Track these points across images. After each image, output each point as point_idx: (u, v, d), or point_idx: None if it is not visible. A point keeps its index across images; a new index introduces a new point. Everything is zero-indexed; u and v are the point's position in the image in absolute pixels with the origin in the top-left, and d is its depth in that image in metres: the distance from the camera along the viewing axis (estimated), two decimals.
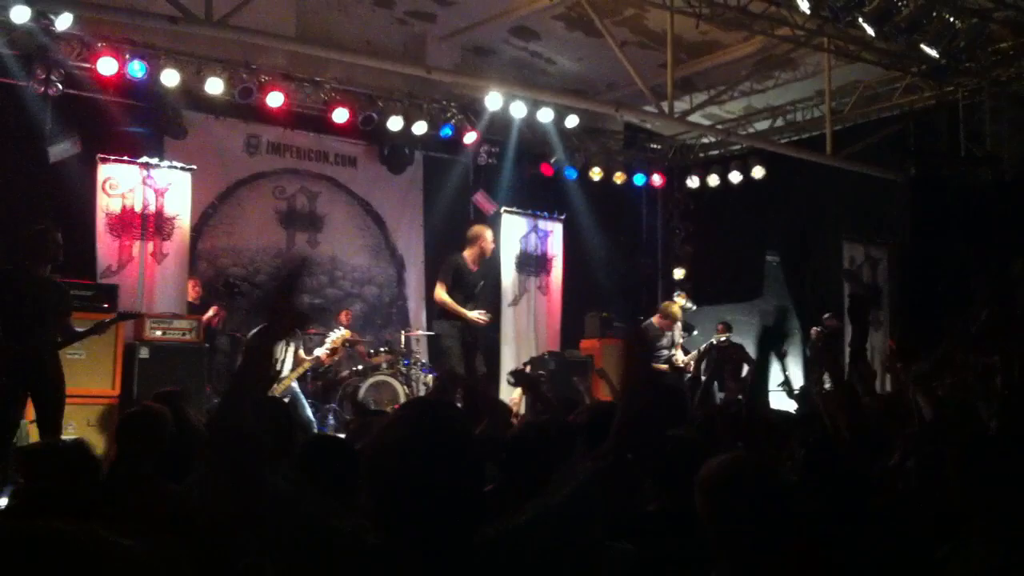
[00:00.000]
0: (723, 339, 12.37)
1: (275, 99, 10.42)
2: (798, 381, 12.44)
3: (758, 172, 12.37)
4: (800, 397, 11.38)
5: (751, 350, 12.12)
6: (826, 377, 12.20)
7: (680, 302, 12.68)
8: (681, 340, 11.47)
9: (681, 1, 9.19)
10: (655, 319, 11.21)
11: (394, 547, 1.96)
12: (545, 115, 11.35)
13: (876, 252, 13.19)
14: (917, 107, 11.43)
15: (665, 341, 11.22)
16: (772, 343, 5.04)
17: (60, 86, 9.48)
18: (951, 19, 9.36)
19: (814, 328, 12.52)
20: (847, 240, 12.96)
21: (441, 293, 9.01)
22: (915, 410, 4.99)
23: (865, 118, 11.67)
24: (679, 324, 11.35)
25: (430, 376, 10.63)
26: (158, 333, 9.62)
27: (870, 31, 9.23)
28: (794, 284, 13.26)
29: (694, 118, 11.46)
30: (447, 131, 11.55)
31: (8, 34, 8.75)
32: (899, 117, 11.62)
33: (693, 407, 8.47)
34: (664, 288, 14.11)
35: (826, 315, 12.55)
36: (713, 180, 13.02)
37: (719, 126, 12.26)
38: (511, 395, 9.67)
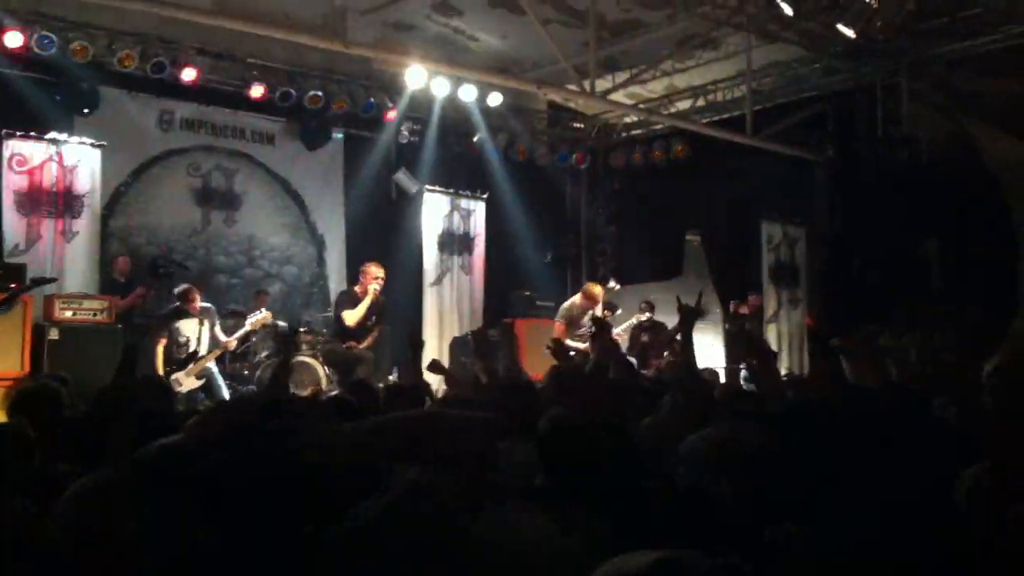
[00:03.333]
0: (645, 318, 12.45)
1: (189, 74, 10.15)
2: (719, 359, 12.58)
3: (680, 151, 12.41)
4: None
5: (672, 328, 12.25)
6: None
7: (611, 286, 12.75)
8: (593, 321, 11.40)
9: None
10: (577, 298, 11.18)
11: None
12: (468, 93, 11.26)
13: (794, 231, 13.34)
14: (836, 88, 11.55)
15: (586, 320, 11.19)
16: (692, 320, 5.15)
17: None
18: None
19: (736, 304, 12.68)
20: (765, 220, 13.09)
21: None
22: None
23: (785, 99, 11.77)
24: (600, 304, 11.32)
25: None
26: (68, 313, 9.35)
27: (789, 11, 9.29)
28: (714, 263, 13.37)
29: (617, 97, 11.44)
30: (368, 108, 11.37)
31: None
32: (818, 98, 11.74)
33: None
34: (587, 267, 14.13)
35: (751, 295, 12.71)
36: (635, 159, 13.04)
37: (641, 105, 12.27)
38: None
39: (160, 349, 9.59)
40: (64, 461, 3.91)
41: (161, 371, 9.48)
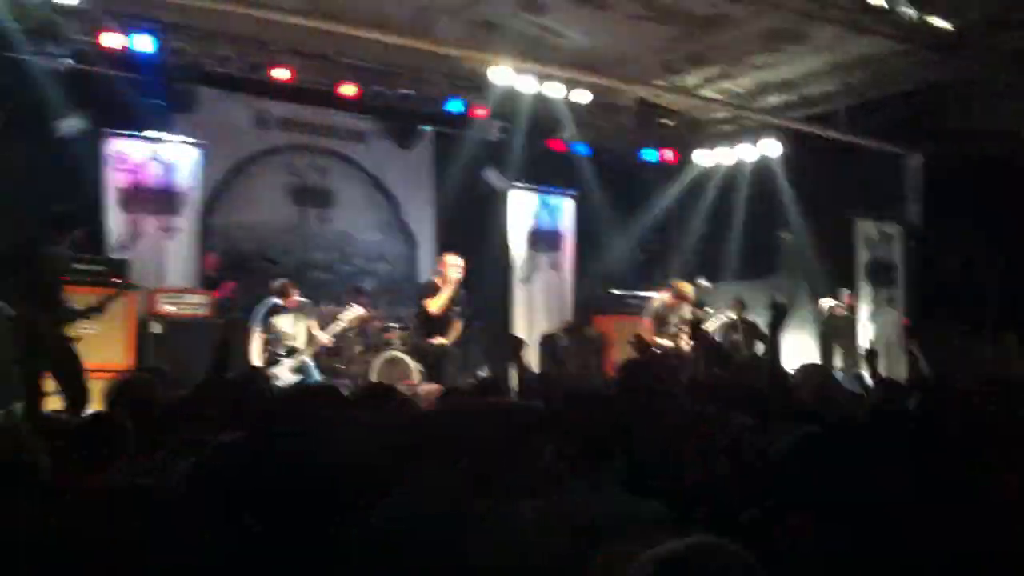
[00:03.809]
0: (734, 316, 12.35)
1: (283, 74, 10.40)
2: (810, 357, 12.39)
3: (770, 147, 12.27)
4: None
5: (764, 327, 12.12)
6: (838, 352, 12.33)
7: (701, 283, 12.69)
8: (691, 318, 11.33)
9: None
10: (666, 296, 11.16)
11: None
12: (555, 90, 11.31)
13: (890, 228, 13.11)
14: (930, 81, 11.29)
15: (674, 318, 11.15)
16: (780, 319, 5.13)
17: (68, 61, 9.49)
18: None
19: (828, 302, 12.49)
20: (860, 217, 12.89)
21: None
22: None
23: (878, 92, 11.53)
24: (689, 302, 11.24)
25: None
26: (171, 308, 9.71)
27: (882, 2, 9.14)
28: (807, 261, 13.20)
29: (705, 93, 11.40)
30: (456, 106, 11.51)
31: (15, 9, 8.74)
32: (912, 92, 11.48)
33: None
34: (677, 264, 14.05)
35: (846, 293, 12.52)
36: (725, 155, 12.92)
37: (730, 101, 12.16)
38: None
39: (257, 343, 9.84)
40: (158, 450, 4.10)
41: (258, 365, 9.74)
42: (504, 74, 10.72)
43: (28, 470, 2.94)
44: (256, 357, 9.76)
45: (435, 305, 9.99)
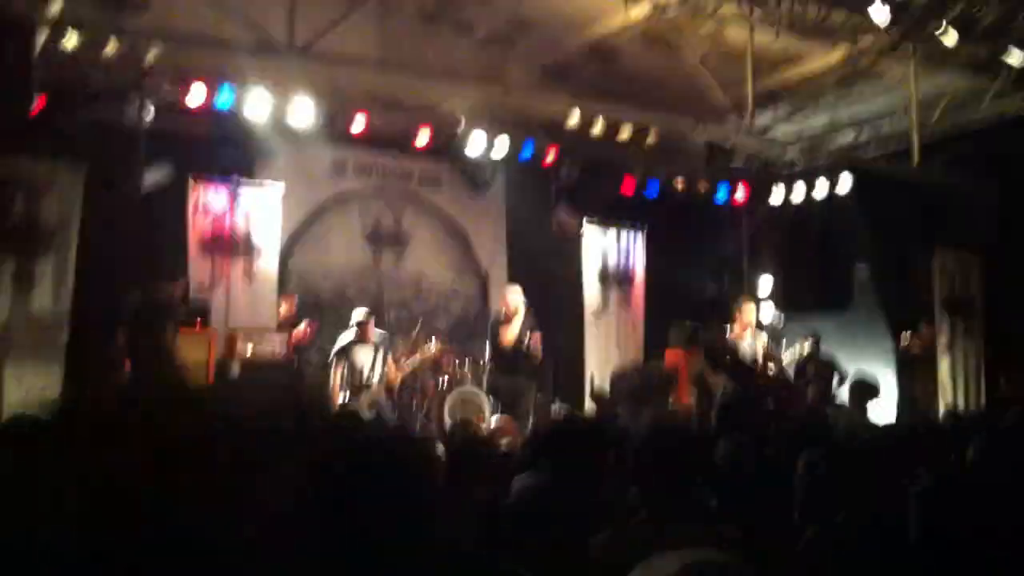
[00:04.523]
0: (809, 351, 12.24)
1: (359, 123, 10.59)
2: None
3: (844, 185, 12.17)
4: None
5: (841, 361, 12.02)
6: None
7: (775, 315, 12.65)
8: (762, 347, 11.25)
9: (761, 14, 9.13)
10: (735, 327, 11.15)
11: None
12: (624, 131, 11.35)
13: (968, 259, 12.93)
14: (1007, 114, 11.14)
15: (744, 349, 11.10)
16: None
17: (153, 116, 9.78)
18: None
19: (906, 338, 12.34)
20: (938, 247, 12.74)
21: None
22: None
23: (953, 128, 11.39)
24: (752, 330, 11.18)
25: None
26: (249, 349, 9.97)
27: (952, 40, 9.07)
28: (884, 293, 13.07)
29: (777, 132, 11.37)
30: (527, 150, 11.59)
31: (103, 68, 9.06)
32: (988, 126, 11.33)
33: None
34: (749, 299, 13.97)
35: (924, 324, 12.37)
36: (798, 195, 12.82)
37: (802, 141, 12.10)
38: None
39: (338, 376, 10.06)
40: None
41: (339, 399, 9.93)
42: (575, 116, 10.83)
43: None
44: (335, 391, 9.99)
45: (509, 335, 10.20)
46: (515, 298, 10.48)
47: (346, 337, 10.31)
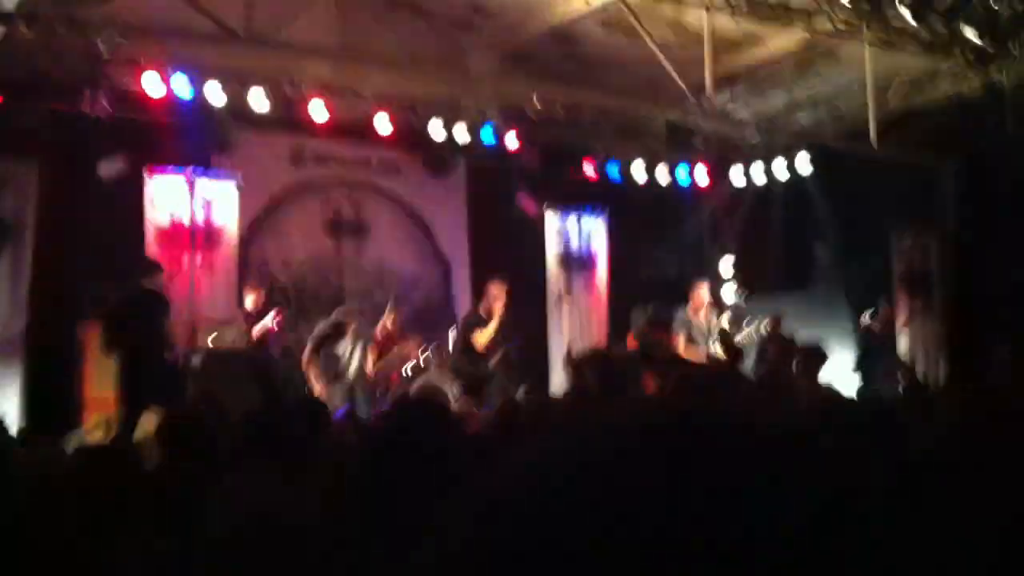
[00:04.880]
0: (770, 330, 12.30)
1: (318, 111, 10.50)
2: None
3: (803, 165, 12.24)
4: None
5: (801, 340, 12.09)
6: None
7: (737, 295, 12.70)
8: (717, 328, 11.24)
9: None
10: (688, 308, 11.15)
11: None
12: (586, 115, 11.35)
13: (926, 237, 13.09)
14: (963, 92, 11.25)
15: (701, 328, 11.10)
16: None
17: (108, 107, 9.65)
18: (992, 3, 9.25)
19: (865, 320, 12.45)
20: (896, 227, 12.89)
21: None
22: None
23: (911, 107, 11.49)
24: (706, 311, 11.17)
25: None
26: (209, 341, 9.89)
27: (909, 19, 9.15)
28: (844, 273, 13.19)
29: (736, 112, 11.40)
30: (488, 136, 11.57)
31: (54, 59, 8.93)
32: (945, 105, 11.44)
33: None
34: (711, 281, 14.04)
35: (883, 303, 12.49)
36: (757, 175, 12.89)
37: (761, 121, 12.14)
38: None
39: (314, 368, 9.95)
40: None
41: (317, 390, 9.83)
42: (534, 102, 10.82)
43: None
44: (314, 382, 9.89)
45: (483, 339, 10.14)
46: (498, 303, 10.37)
47: (324, 329, 10.19)
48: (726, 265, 14.04)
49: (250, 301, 10.69)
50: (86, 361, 9.56)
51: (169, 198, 10.64)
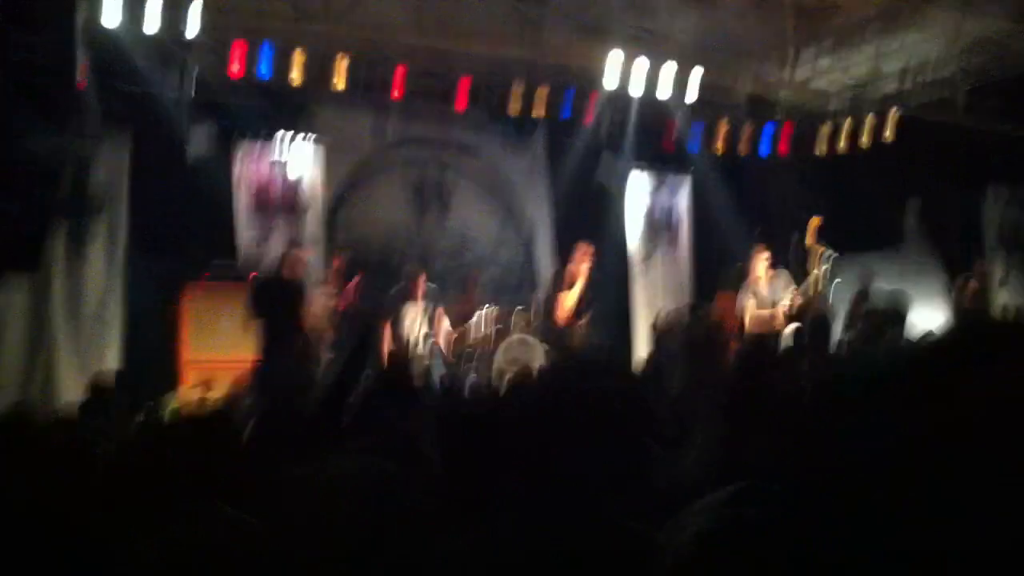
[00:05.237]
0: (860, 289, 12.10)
1: (398, 85, 10.65)
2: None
3: (889, 131, 11.92)
4: None
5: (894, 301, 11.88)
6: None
7: (828, 254, 12.52)
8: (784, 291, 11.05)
9: None
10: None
11: None
12: (664, 88, 11.22)
13: (1019, 193, 12.73)
14: None
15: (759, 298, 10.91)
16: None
17: (195, 85, 9.96)
18: None
19: (961, 279, 12.20)
20: (992, 181, 12.55)
21: None
22: None
23: (999, 74, 11.10)
24: (766, 277, 10.96)
25: None
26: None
27: None
28: (936, 233, 12.92)
29: (819, 82, 11.19)
30: (568, 105, 11.54)
31: (142, 45, 9.23)
32: None
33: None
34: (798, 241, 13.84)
35: (977, 262, 12.22)
36: (841, 145, 12.59)
37: (845, 90, 11.86)
38: None
39: (387, 331, 10.07)
40: None
41: (387, 353, 10.00)
42: (614, 75, 10.75)
43: None
44: (386, 345, 10.02)
45: (567, 303, 10.13)
46: (583, 260, 10.25)
47: (396, 293, 10.29)
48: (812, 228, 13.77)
49: (333, 266, 10.94)
50: (184, 325, 9.89)
51: (258, 170, 10.96)
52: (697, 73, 10.98)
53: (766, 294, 10.62)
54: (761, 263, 10.74)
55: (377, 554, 2.00)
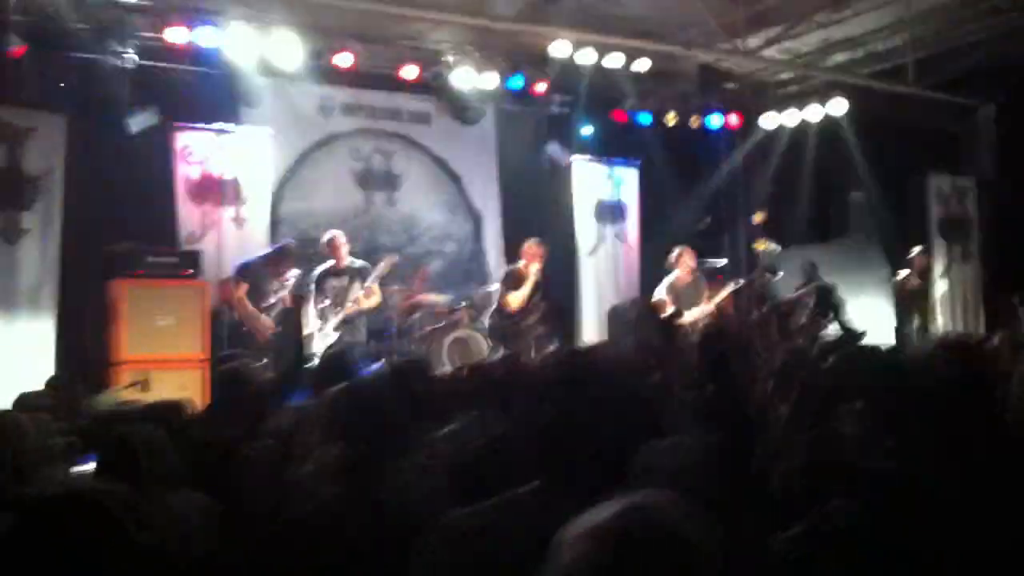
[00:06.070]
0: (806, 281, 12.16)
1: (345, 59, 10.43)
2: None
3: (838, 107, 11.97)
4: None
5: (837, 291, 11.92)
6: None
7: (771, 248, 12.54)
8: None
9: None
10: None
11: None
12: (615, 60, 11.19)
13: (963, 183, 12.86)
14: (1001, 30, 10.97)
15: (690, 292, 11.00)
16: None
17: (135, 58, 9.60)
18: None
19: (903, 272, 12.26)
20: (933, 172, 12.66)
21: None
22: None
23: (948, 44, 11.22)
24: (693, 274, 11.09)
25: None
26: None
27: None
28: (879, 220, 12.99)
29: (769, 54, 11.20)
30: (516, 82, 11.47)
31: (80, 9, 8.87)
32: (984, 41, 11.16)
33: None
34: (745, 231, 13.87)
35: (914, 252, 12.29)
36: (791, 118, 12.65)
37: (795, 60, 11.91)
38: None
39: (311, 307, 9.72)
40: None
41: (308, 330, 9.66)
42: (563, 47, 10.67)
43: None
44: (311, 320, 9.67)
45: (516, 301, 10.07)
46: (535, 264, 10.25)
47: (319, 266, 9.92)
48: (758, 216, 13.82)
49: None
50: (118, 321, 9.44)
51: (198, 152, 10.56)
52: (647, 48, 10.94)
53: (680, 297, 10.81)
54: (685, 265, 10.90)
55: None
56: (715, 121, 12.79)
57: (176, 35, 9.47)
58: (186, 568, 2.33)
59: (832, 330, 11.48)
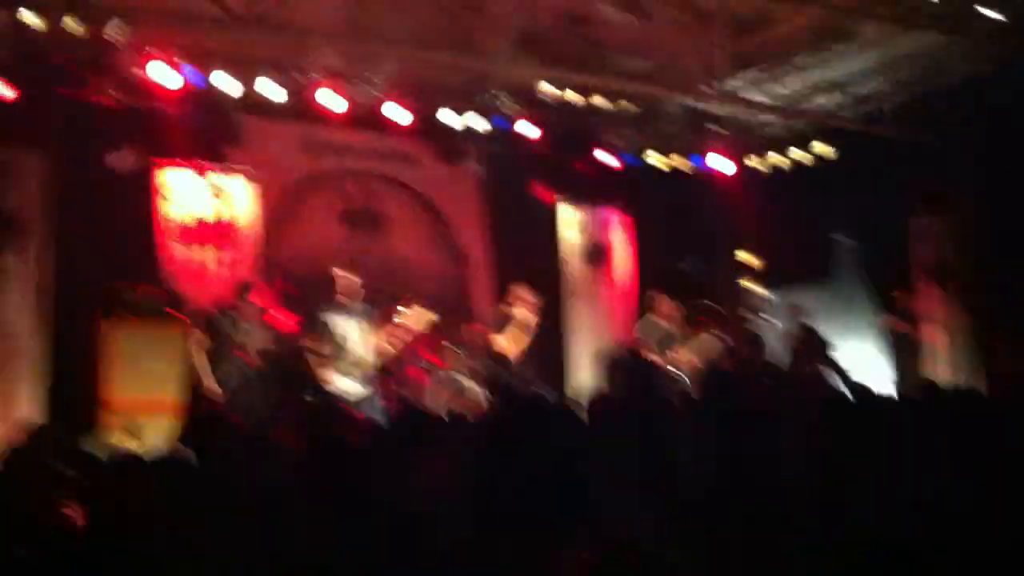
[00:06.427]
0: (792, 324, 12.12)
1: (329, 99, 10.40)
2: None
3: (820, 150, 12.03)
4: None
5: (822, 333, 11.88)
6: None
7: (758, 291, 12.54)
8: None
9: None
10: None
11: None
12: (600, 101, 11.23)
13: (946, 224, 12.86)
14: (983, 73, 11.04)
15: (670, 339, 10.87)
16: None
17: (115, 95, 9.59)
18: None
19: (889, 319, 12.23)
20: (916, 214, 12.66)
21: None
22: None
23: (929, 88, 11.29)
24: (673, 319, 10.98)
25: None
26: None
27: None
28: (865, 262, 12.98)
29: (751, 96, 11.25)
30: (501, 122, 11.48)
31: (60, 45, 8.86)
32: (965, 83, 11.22)
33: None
34: (730, 272, 13.84)
35: (903, 292, 12.26)
36: (774, 160, 12.70)
37: (778, 103, 11.97)
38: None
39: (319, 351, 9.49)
40: None
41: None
42: (549, 87, 10.72)
43: None
44: (319, 367, 9.44)
45: (504, 343, 9.92)
46: (519, 306, 10.14)
47: (327, 308, 9.75)
48: (746, 259, 13.82)
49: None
50: (109, 361, 9.33)
51: (181, 191, 10.52)
52: (632, 89, 11.00)
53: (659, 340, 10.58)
54: (661, 308, 10.74)
55: None
56: (700, 162, 12.80)
57: (158, 72, 9.43)
58: None
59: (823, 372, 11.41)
